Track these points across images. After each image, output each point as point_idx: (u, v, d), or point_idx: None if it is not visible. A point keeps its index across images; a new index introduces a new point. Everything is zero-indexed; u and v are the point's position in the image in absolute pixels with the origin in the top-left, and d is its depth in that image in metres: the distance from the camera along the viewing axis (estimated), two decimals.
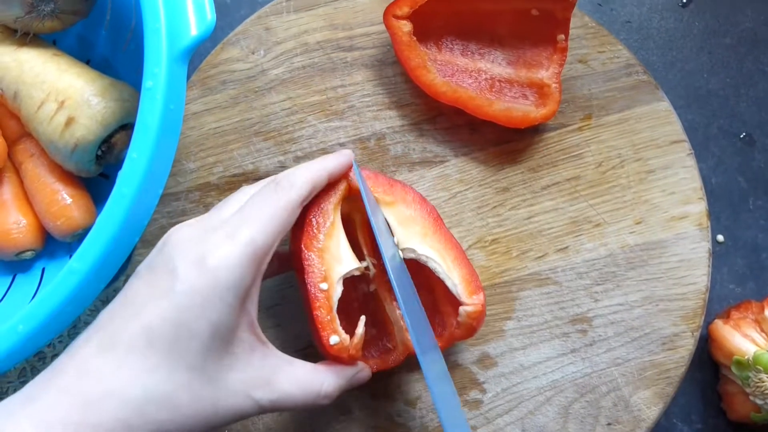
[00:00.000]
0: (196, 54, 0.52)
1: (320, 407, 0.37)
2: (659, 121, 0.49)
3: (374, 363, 0.42)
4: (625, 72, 0.50)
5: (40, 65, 0.46)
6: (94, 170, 0.47)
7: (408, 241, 0.41)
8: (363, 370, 0.40)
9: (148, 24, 0.37)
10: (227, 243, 0.33)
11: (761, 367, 0.43)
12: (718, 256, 0.52)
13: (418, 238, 0.42)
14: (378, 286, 0.44)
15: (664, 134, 0.49)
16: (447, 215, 0.48)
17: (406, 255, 0.41)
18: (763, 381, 0.43)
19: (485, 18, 0.49)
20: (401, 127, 0.50)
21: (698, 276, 0.47)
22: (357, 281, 0.44)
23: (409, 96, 0.50)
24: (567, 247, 0.48)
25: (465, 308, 0.40)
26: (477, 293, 0.41)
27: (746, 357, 0.45)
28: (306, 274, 0.39)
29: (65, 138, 0.44)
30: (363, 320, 0.39)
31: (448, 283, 0.41)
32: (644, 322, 0.46)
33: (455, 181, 0.49)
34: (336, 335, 0.38)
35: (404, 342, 0.42)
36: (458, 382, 0.46)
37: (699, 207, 0.48)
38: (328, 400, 0.37)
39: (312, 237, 0.40)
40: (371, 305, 0.45)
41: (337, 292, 0.39)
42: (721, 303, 0.52)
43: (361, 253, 0.43)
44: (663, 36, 0.55)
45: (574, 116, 0.49)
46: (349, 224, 0.44)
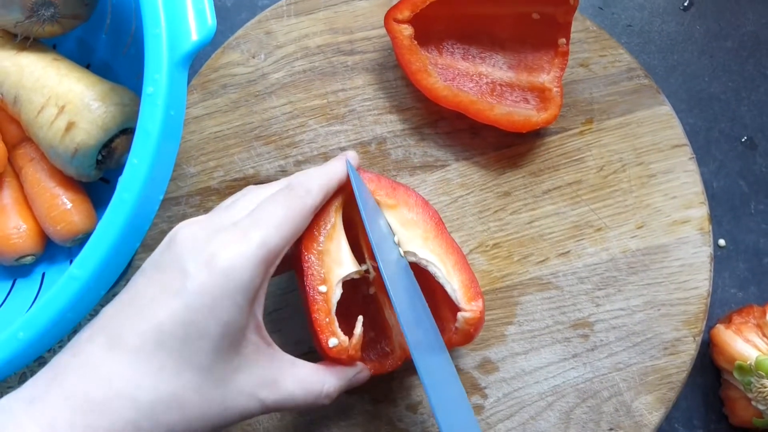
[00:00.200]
0: (197, 57, 0.51)
1: (320, 407, 0.38)
2: (661, 125, 0.49)
3: (372, 366, 0.42)
4: (627, 76, 0.50)
5: (40, 70, 0.45)
6: (95, 175, 0.47)
7: (409, 245, 0.41)
8: (363, 371, 0.40)
9: (149, 29, 0.37)
10: (239, 244, 0.33)
11: (763, 372, 0.43)
12: (720, 261, 0.52)
13: (420, 242, 0.42)
14: (377, 289, 0.44)
15: (666, 138, 0.49)
16: (448, 220, 0.48)
17: (407, 258, 0.41)
18: (765, 386, 0.43)
19: (486, 22, 0.49)
20: (402, 131, 0.50)
21: (700, 280, 0.47)
22: (357, 283, 0.44)
23: (410, 100, 0.50)
24: (568, 252, 0.47)
25: (463, 314, 0.40)
26: (476, 299, 0.41)
27: (748, 362, 0.45)
28: (305, 277, 0.39)
29: (65, 143, 0.44)
30: (360, 320, 0.39)
31: (447, 288, 0.41)
32: (646, 327, 0.46)
33: (456, 186, 0.49)
34: (335, 337, 0.38)
35: (402, 346, 0.42)
36: None
37: (700, 211, 0.48)
38: (329, 400, 0.37)
39: (312, 239, 0.40)
40: (371, 308, 0.45)
41: (336, 295, 0.39)
42: (723, 307, 0.52)
43: (363, 256, 0.43)
44: (664, 40, 0.55)
45: (576, 120, 0.49)
46: (352, 227, 0.44)
